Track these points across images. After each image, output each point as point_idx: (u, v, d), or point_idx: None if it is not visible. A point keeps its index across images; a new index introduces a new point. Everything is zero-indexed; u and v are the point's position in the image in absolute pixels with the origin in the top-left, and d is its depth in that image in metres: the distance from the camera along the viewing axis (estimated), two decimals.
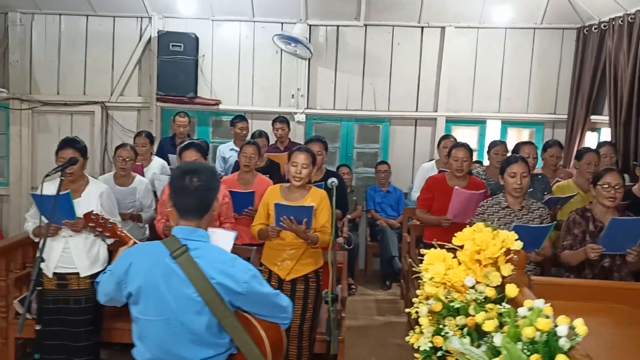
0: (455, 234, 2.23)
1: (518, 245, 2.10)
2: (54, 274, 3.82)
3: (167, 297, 2.12)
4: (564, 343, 1.51)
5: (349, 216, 6.68)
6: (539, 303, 1.63)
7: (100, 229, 2.62)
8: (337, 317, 3.79)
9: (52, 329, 3.79)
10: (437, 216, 4.72)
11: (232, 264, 2.16)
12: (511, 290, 1.89)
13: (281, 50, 7.13)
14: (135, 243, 2.56)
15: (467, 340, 1.84)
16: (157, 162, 5.79)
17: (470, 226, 2.29)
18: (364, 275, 7.27)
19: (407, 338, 2.28)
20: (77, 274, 3.84)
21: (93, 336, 3.95)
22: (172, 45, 6.99)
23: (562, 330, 1.53)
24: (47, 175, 3.42)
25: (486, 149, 5.90)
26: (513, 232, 2.19)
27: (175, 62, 7.02)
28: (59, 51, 7.37)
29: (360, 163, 7.71)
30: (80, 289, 3.86)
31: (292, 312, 2.35)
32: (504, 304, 1.84)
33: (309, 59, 7.24)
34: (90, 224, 2.58)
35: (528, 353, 1.54)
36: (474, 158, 6.24)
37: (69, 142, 3.83)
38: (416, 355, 2.18)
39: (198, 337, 2.14)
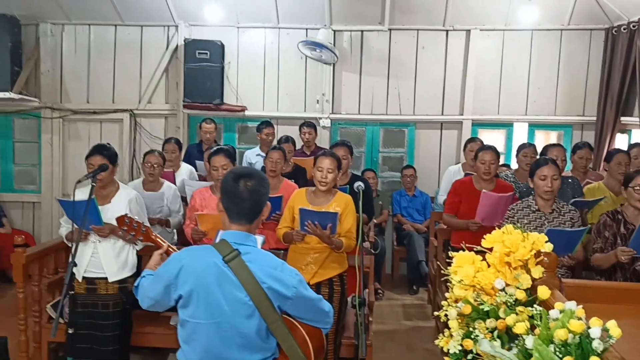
0: (484, 237, 2.22)
1: (548, 247, 2.07)
2: (83, 278, 3.89)
3: (220, 301, 2.13)
4: (597, 345, 1.48)
5: (375, 221, 6.68)
6: (571, 305, 1.61)
7: (134, 233, 2.65)
8: (365, 321, 3.78)
9: (81, 333, 3.85)
10: (464, 220, 4.67)
11: (281, 269, 2.18)
12: (543, 291, 1.87)
13: (306, 56, 7.17)
14: (169, 247, 2.59)
15: (497, 343, 1.83)
16: (185, 168, 5.85)
17: (499, 229, 2.27)
18: (390, 280, 7.24)
19: (436, 341, 2.27)
20: (106, 278, 3.89)
21: (122, 340, 4.00)
22: (199, 53, 7.07)
23: (595, 332, 1.50)
24: (78, 182, 3.48)
25: (514, 152, 5.83)
26: (545, 236, 2.17)
27: (201, 70, 7.10)
28: (89, 60, 7.51)
29: (386, 167, 7.69)
30: (108, 293, 3.91)
31: (333, 317, 2.37)
32: (535, 305, 1.82)
33: (334, 64, 7.26)
34: (123, 227, 2.61)
35: (560, 355, 1.52)
36: (501, 161, 6.19)
37: (99, 149, 3.90)
38: (446, 358, 2.17)
39: (247, 341, 2.16)
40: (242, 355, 2.17)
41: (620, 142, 6.81)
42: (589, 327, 1.54)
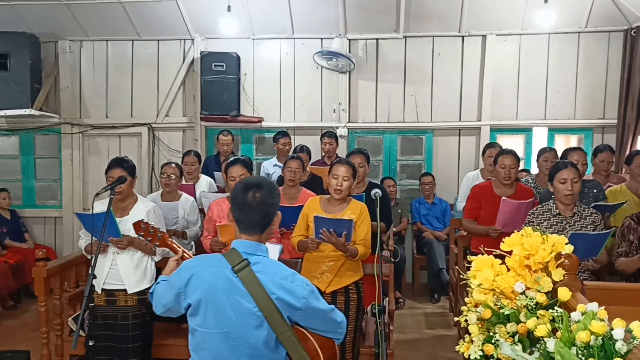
0: (503, 240, 2.18)
1: (569, 249, 2.03)
2: (103, 290, 3.91)
3: (228, 311, 2.12)
4: (620, 346, 1.44)
5: (394, 229, 6.63)
6: (593, 306, 1.57)
7: (150, 238, 2.66)
8: (385, 330, 3.74)
9: (101, 345, 3.86)
10: (484, 226, 4.61)
11: (291, 280, 2.16)
12: (564, 293, 1.82)
13: (321, 66, 7.18)
14: (185, 253, 2.59)
15: (518, 347, 1.79)
16: (204, 180, 5.88)
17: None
18: (411, 289, 7.18)
19: (457, 347, 2.23)
20: (125, 290, 3.91)
21: (142, 352, 4.00)
22: (215, 65, 7.12)
23: (618, 333, 1.46)
24: (97, 194, 3.50)
25: (533, 157, 5.77)
26: (568, 241, 2.12)
27: (218, 82, 7.14)
28: (107, 76, 7.61)
29: (404, 175, 7.65)
30: (127, 305, 3.92)
31: (346, 327, 2.34)
32: (556, 308, 1.78)
33: (349, 73, 7.26)
34: (140, 233, 2.62)
35: (582, 358, 1.48)
36: (521, 167, 6.11)
37: (118, 162, 3.94)
38: None
39: (256, 351, 2.14)
40: None
41: None
42: (611, 329, 1.50)
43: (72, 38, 7.50)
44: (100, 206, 3.72)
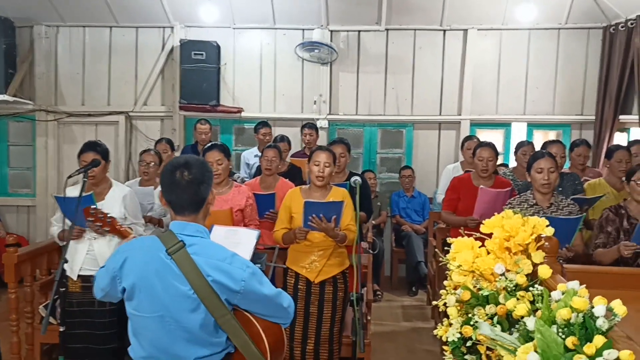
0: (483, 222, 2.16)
1: (549, 231, 2.01)
2: (79, 276, 3.82)
3: (161, 294, 2.05)
4: (601, 323, 1.42)
5: (373, 222, 6.61)
6: (574, 284, 1.55)
7: (100, 224, 2.59)
8: (363, 320, 3.71)
9: (76, 332, 3.77)
10: (463, 216, 4.61)
11: (230, 261, 2.07)
12: (544, 271, 1.80)
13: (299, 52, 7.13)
14: (135, 238, 2.52)
15: (497, 328, 1.76)
16: None
17: None
18: (389, 282, 7.17)
19: (435, 331, 2.20)
20: None
21: (117, 340, 3.92)
22: (194, 54, 7.02)
23: (599, 310, 1.44)
24: (70, 177, 3.42)
25: (512, 152, 5.79)
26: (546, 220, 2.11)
27: (197, 71, 7.04)
28: (84, 63, 7.46)
29: (384, 168, 7.63)
30: None
31: (294, 312, 2.26)
32: (536, 286, 1.76)
33: (331, 65, 7.22)
34: (89, 219, 2.55)
35: (563, 336, 1.45)
36: (500, 161, 6.13)
37: (91, 145, 3.86)
38: (444, 347, 2.10)
39: (193, 336, 2.07)
40: (188, 350, 2.08)
41: (619, 141, 6.75)
42: (592, 307, 1.48)
43: (48, 23, 7.34)
44: (74, 191, 3.64)
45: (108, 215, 2.62)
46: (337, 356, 3.93)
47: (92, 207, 2.58)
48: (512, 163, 6.22)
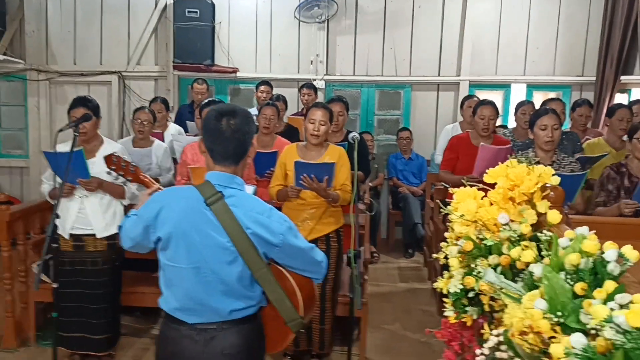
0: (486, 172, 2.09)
1: (555, 180, 1.95)
2: (70, 235, 3.76)
3: (198, 245, 2.01)
4: (612, 268, 1.37)
5: (370, 184, 6.55)
6: (583, 230, 1.49)
7: (122, 172, 2.51)
8: (360, 274, 3.68)
9: (68, 291, 3.73)
10: (462, 176, 4.55)
11: (268, 215, 2.04)
12: (553, 216, 1.74)
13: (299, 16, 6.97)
14: (159, 189, 2.44)
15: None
16: (173, 128, 5.72)
17: None
18: (386, 245, 7.15)
19: (435, 284, 2.15)
20: (94, 235, 3.76)
21: (111, 299, 3.89)
22: (188, 12, 6.86)
23: (610, 254, 1.39)
24: (60, 130, 3.32)
25: (511, 113, 5.71)
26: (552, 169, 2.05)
27: (191, 29, 6.88)
28: (75, 21, 7.29)
29: (382, 130, 7.54)
30: (97, 250, 3.79)
31: (327, 267, 2.25)
32: (544, 231, 1.70)
33: (328, 23, 7.07)
34: (112, 167, 2.46)
35: (572, 283, 1.40)
36: (499, 122, 6.05)
37: (81, 101, 3.77)
38: (445, 300, 2.06)
39: (229, 288, 2.04)
40: (223, 302, 2.05)
41: (620, 101, 6.66)
42: (602, 253, 1.42)
43: None
44: (64, 147, 3.55)
45: (131, 164, 2.52)
46: (330, 315, 3.92)
47: (115, 154, 2.49)
48: (511, 124, 6.14)
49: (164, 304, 2.13)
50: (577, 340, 1.18)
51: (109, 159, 2.54)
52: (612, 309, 1.18)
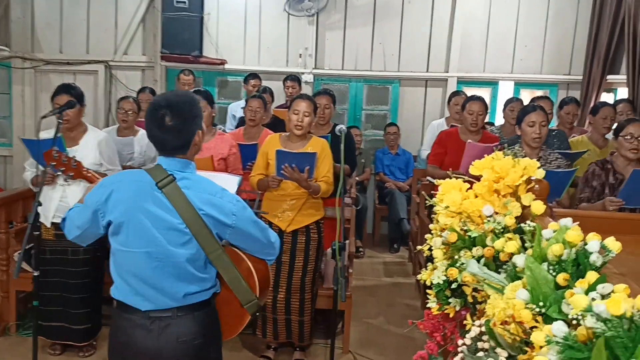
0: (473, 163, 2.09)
1: (540, 173, 1.95)
2: (52, 223, 3.72)
3: (151, 228, 1.99)
4: (595, 259, 1.37)
5: (357, 178, 6.55)
6: (567, 221, 1.49)
7: (63, 168, 2.45)
8: (345, 267, 3.68)
9: (49, 280, 3.70)
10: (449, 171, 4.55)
11: (220, 195, 2.03)
12: (537, 207, 1.74)
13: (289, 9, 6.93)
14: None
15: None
16: None
17: None
18: (371, 240, 7.15)
19: (419, 276, 2.15)
20: None
21: (92, 289, 3.86)
22: (177, 2, 6.80)
23: (593, 245, 1.39)
24: (43, 117, 3.27)
25: (498, 110, 5.74)
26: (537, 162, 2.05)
27: (180, 20, 6.83)
28: (61, 8, 7.19)
29: (369, 125, 7.54)
30: None
31: (280, 248, 2.27)
32: (527, 222, 1.70)
33: (317, 17, 7.03)
34: (51, 163, 2.40)
35: (554, 274, 1.40)
36: (486, 119, 6.07)
37: (65, 88, 3.75)
38: (428, 292, 2.05)
39: (182, 271, 2.02)
40: (177, 287, 2.03)
41: (606, 100, 6.72)
42: (585, 244, 1.42)
43: None
44: (48, 135, 3.51)
45: (73, 159, 2.46)
46: (309, 307, 3.91)
47: (55, 149, 2.40)
48: (498, 122, 6.16)
49: (116, 293, 2.09)
50: (558, 328, 1.18)
51: (49, 155, 2.48)
52: (593, 299, 1.18)
